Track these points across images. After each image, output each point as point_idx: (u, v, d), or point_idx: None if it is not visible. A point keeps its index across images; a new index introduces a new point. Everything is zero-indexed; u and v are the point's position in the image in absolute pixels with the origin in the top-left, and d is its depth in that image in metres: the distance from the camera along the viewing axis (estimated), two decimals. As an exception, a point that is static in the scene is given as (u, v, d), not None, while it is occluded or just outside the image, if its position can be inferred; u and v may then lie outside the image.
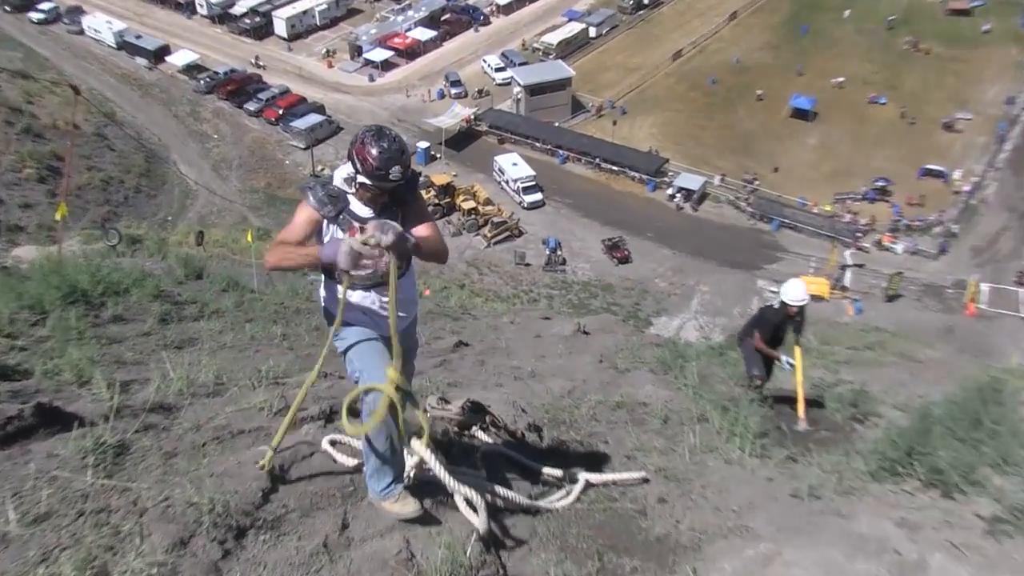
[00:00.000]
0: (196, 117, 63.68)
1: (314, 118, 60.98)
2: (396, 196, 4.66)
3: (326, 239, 4.70)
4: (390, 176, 4.45)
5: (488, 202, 54.17)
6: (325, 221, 4.65)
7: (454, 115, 61.24)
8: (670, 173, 57.02)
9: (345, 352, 4.89)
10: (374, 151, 4.41)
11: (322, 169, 57.83)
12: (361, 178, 4.49)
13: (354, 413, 4.76)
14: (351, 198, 4.67)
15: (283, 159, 60.26)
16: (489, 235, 51.93)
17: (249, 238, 21.09)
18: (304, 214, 4.60)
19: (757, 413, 7.72)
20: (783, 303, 9.60)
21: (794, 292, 9.54)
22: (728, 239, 51.99)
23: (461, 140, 60.93)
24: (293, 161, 59.93)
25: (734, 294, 47.13)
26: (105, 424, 5.25)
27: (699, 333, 43.13)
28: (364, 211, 4.68)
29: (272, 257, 4.53)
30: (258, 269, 17.08)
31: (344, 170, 4.63)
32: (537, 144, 60.53)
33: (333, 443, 5.57)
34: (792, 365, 9.46)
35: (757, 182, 56.28)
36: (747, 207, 54.59)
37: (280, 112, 62.35)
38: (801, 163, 57.82)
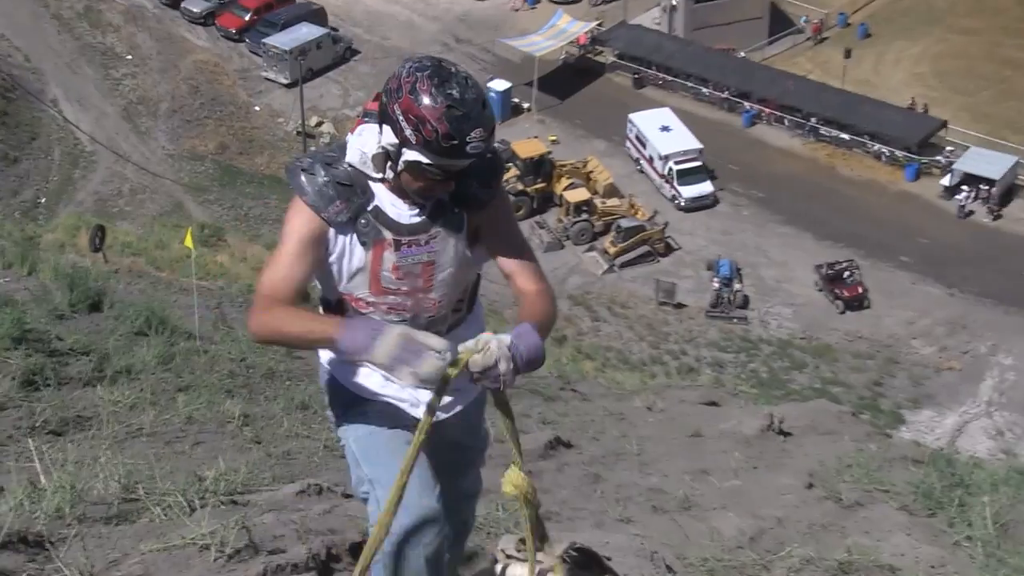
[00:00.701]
0: (95, 23, 65.52)
1: (307, 31, 62.22)
2: (464, 189, 4.66)
3: (333, 259, 4.68)
4: (467, 147, 4.40)
5: (613, 191, 54.33)
6: (332, 230, 4.65)
7: (557, 34, 61.68)
8: (947, 148, 56.32)
9: (346, 444, 4.94)
10: (435, 103, 4.33)
11: (318, 124, 58.72)
12: (411, 154, 4.43)
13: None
14: (378, 189, 4.65)
15: (250, 102, 61.53)
16: (613, 250, 52.13)
17: (188, 241, 21.47)
18: (299, 224, 4.55)
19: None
20: None
21: None
22: (1057, 272, 50.95)
23: (568, 80, 61.44)
24: (268, 107, 61.14)
25: (1067, 374, 46.07)
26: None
27: (995, 443, 41.94)
28: (403, 212, 4.65)
29: (256, 321, 4.53)
30: (203, 296, 17.40)
31: (368, 138, 4.58)
32: (704, 91, 60.45)
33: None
34: None
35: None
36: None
37: (247, 19, 63.80)
38: None
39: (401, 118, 4.36)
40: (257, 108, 61.08)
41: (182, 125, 59.88)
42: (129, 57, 63.26)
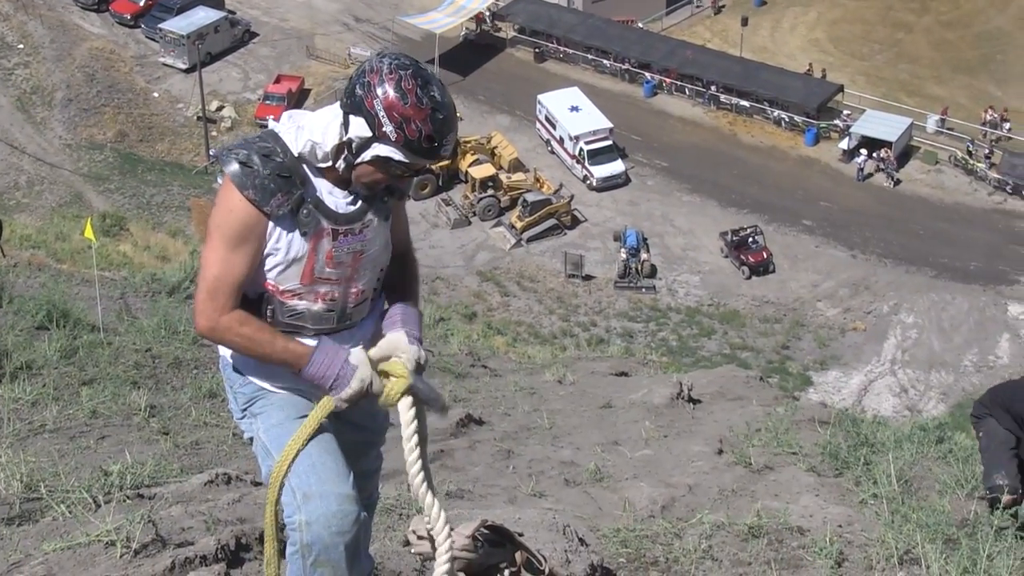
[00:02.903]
0: (-18, 11, 64.43)
1: (203, 15, 61.68)
2: (394, 186, 4.77)
3: (268, 250, 4.57)
4: (442, 149, 4.52)
5: (518, 166, 54.37)
6: (270, 223, 4.55)
7: (457, 11, 61.56)
8: (845, 112, 56.97)
9: (254, 436, 4.91)
10: (420, 104, 4.41)
11: (219, 108, 58.16)
12: (385, 149, 4.47)
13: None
14: (316, 178, 4.63)
15: (149, 89, 60.84)
16: (520, 224, 52.20)
17: (88, 232, 21.21)
18: (238, 218, 4.49)
19: (1013, 552, 7.61)
20: None
21: None
22: (953, 230, 51.70)
23: (469, 56, 61.45)
24: (167, 93, 60.49)
25: (966, 329, 46.75)
26: None
27: (899, 400, 42.59)
28: (340, 202, 4.66)
29: (206, 321, 4.54)
30: (106, 287, 17.18)
31: (323, 125, 4.56)
32: (605, 63, 60.58)
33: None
34: None
35: (1009, 125, 55.88)
36: (989, 171, 54.24)
37: (141, 4, 63.04)
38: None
39: (382, 114, 4.41)
40: (156, 94, 60.45)
41: (79, 114, 59.08)
42: (21, 46, 62.27)
